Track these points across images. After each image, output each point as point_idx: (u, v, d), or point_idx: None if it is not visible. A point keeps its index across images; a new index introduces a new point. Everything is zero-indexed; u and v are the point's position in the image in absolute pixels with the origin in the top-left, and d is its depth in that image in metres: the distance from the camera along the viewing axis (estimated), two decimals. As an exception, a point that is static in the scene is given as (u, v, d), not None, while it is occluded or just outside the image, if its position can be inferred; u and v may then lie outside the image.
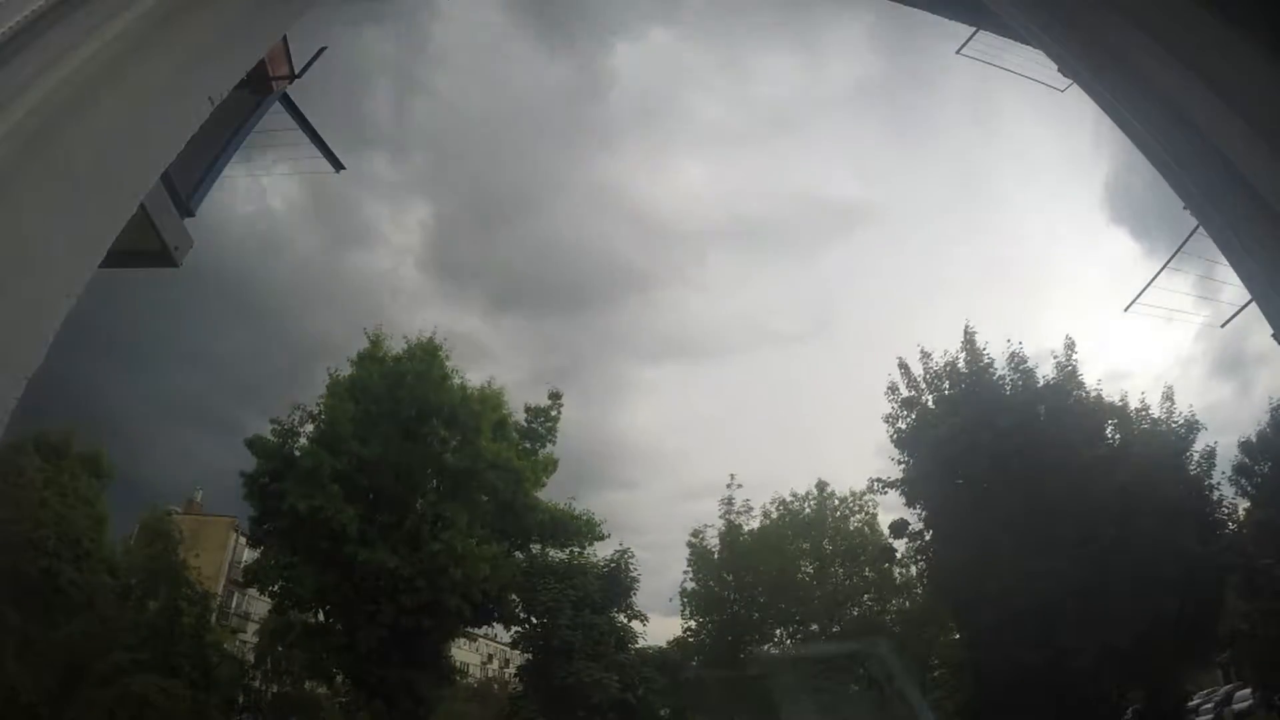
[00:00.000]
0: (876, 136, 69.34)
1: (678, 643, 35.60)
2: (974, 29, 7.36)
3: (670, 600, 36.45)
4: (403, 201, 67.31)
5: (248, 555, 39.07)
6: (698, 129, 67.45)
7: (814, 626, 34.61)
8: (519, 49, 66.33)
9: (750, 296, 67.69)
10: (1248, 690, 30.95)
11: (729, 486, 36.66)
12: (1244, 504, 28.97)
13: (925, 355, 30.96)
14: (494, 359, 62.35)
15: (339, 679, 31.51)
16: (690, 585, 35.78)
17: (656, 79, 68.31)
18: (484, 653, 55.72)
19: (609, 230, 65.92)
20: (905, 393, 31.07)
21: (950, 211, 67.92)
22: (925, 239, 69.25)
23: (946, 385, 30.38)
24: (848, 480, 46.85)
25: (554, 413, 34.24)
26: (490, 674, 51.49)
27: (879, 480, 32.57)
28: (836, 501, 37.06)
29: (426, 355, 31.55)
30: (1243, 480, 29.24)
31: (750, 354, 66.95)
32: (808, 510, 36.96)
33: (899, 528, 32.19)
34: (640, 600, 34.51)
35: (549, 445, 33.95)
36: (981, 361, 29.99)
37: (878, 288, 72.20)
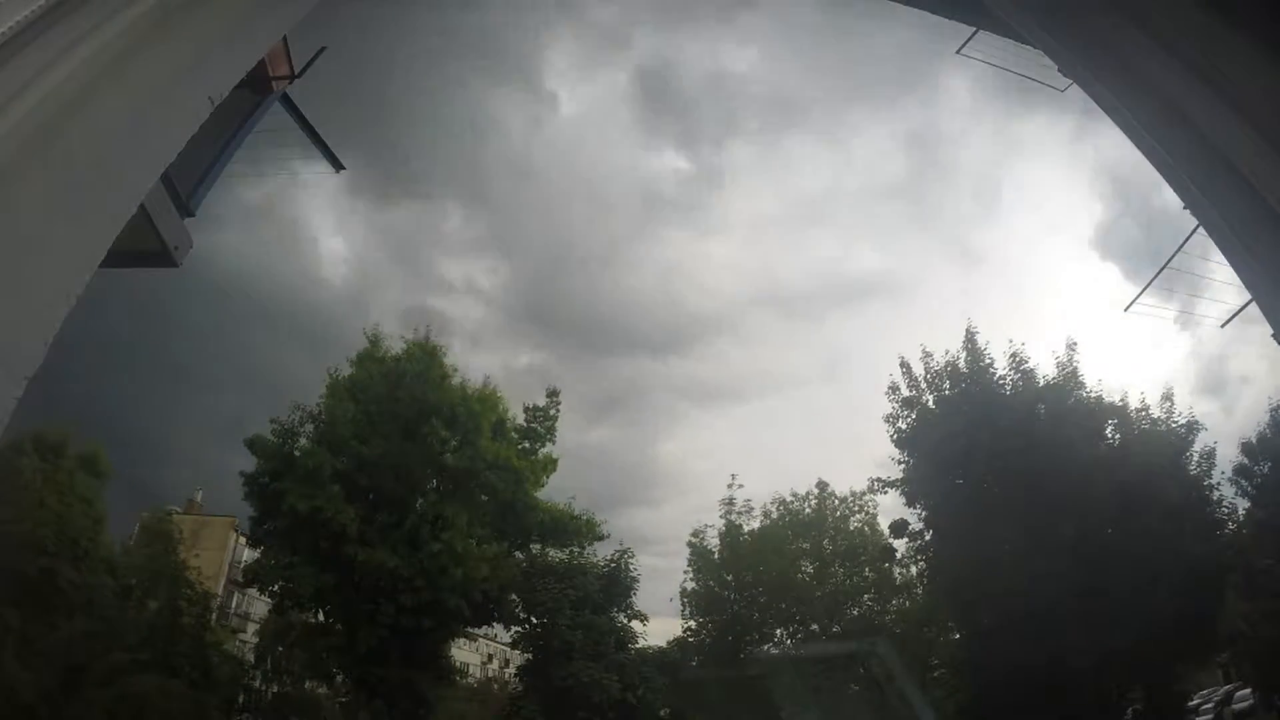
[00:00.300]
0: (894, 217, 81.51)
1: (678, 643, 35.59)
2: (974, 29, 7.36)
3: (670, 600, 36.48)
4: (497, 252, 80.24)
5: (248, 555, 39.06)
6: (746, 211, 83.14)
7: (814, 626, 34.59)
8: (621, 134, 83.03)
9: (779, 349, 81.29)
10: (1248, 690, 30.98)
11: (730, 486, 36.70)
12: (1244, 504, 29.01)
13: (926, 355, 31.01)
14: (566, 387, 70.86)
15: (339, 679, 31.51)
16: (690, 585, 35.83)
17: (718, 168, 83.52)
18: (484, 653, 55.77)
19: (673, 290, 79.73)
20: (906, 392, 31.07)
21: (956, 268, 78.07)
22: (932, 288, 78.08)
23: (947, 385, 30.36)
24: (848, 482, 47.67)
25: (552, 412, 34.23)
26: (490, 674, 51.57)
27: (879, 480, 32.63)
28: (836, 501, 37.10)
29: (426, 355, 31.54)
30: (1243, 480, 29.27)
31: (773, 396, 79.83)
32: (808, 510, 36.96)
33: (899, 527, 32.19)
34: (646, 604, 34.60)
35: (548, 445, 34.00)
36: (982, 361, 29.98)
37: (888, 336, 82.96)
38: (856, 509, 36.71)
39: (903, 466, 30.76)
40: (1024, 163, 79.17)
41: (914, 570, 33.80)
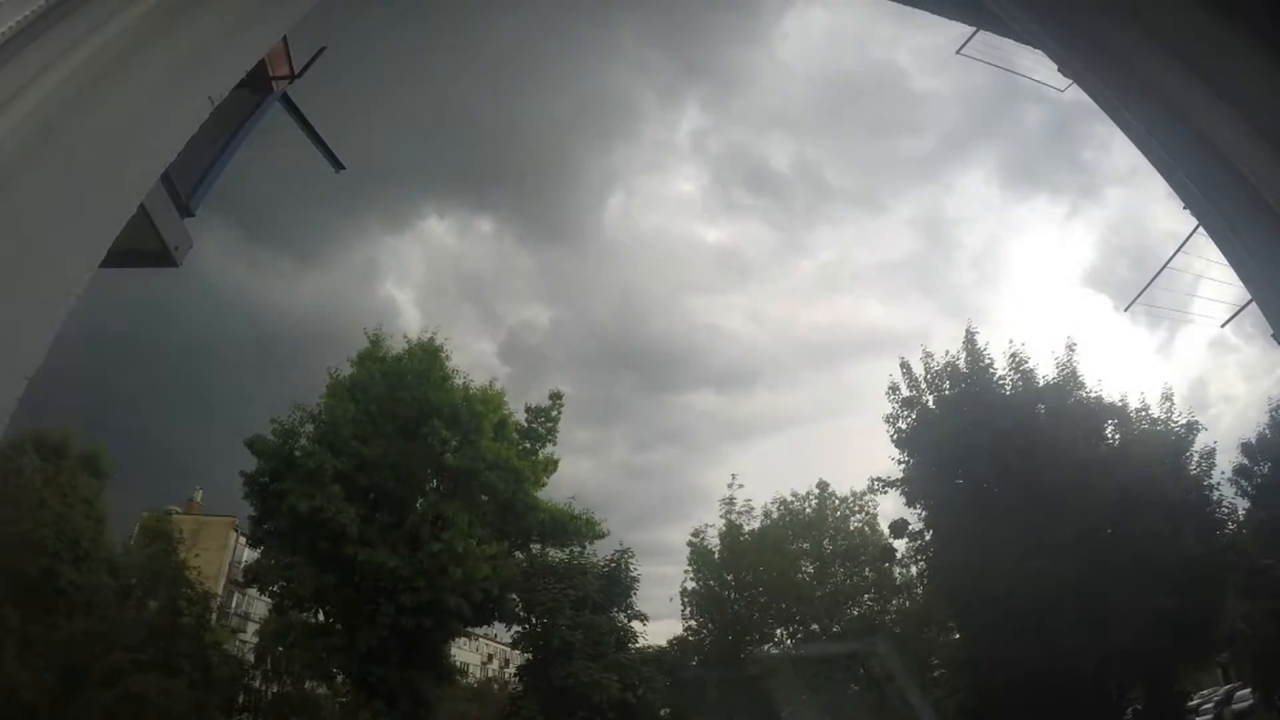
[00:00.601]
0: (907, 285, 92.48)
1: (678, 643, 35.58)
2: (974, 29, 7.37)
3: (670, 600, 36.47)
4: (583, 296, 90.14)
5: (248, 555, 39.08)
6: (781, 279, 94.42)
7: (814, 626, 34.57)
8: (696, 207, 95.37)
9: (805, 390, 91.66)
10: (1248, 690, 30.98)
11: (730, 487, 36.68)
12: (1244, 504, 29.01)
13: (927, 355, 31.04)
14: (626, 417, 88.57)
15: (339, 679, 31.49)
16: (690, 585, 35.82)
17: (783, 241, 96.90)
18: (484, 653, 55.83)
19: (725, 338, 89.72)
20: (906, 393, 31.10)
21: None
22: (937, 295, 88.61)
23: (947, 385, 30.36)
24: (849, 484, 48.47)
25: (554, 413, 34.22)
26: (490, 674, 51.60)
27: (879, 480, 32.64)
28: (837, 501, 37.09)
29: (427, 356, 31.50)
30: (1242, 481, 29.27)
31: (794, 429, 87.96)
32: (808, 510, 36.95)
33: (899, 527, 32.20)
34: (652, 607, 34.63)
35: (549, 445, 33.99)
36: (982, 362, 29.98)
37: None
38: (857, 509, 36.75)
39: (903, 466, 30.83)
40: (1025, 175, 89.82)
41: (914, 570, 33.83)
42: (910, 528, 31.61)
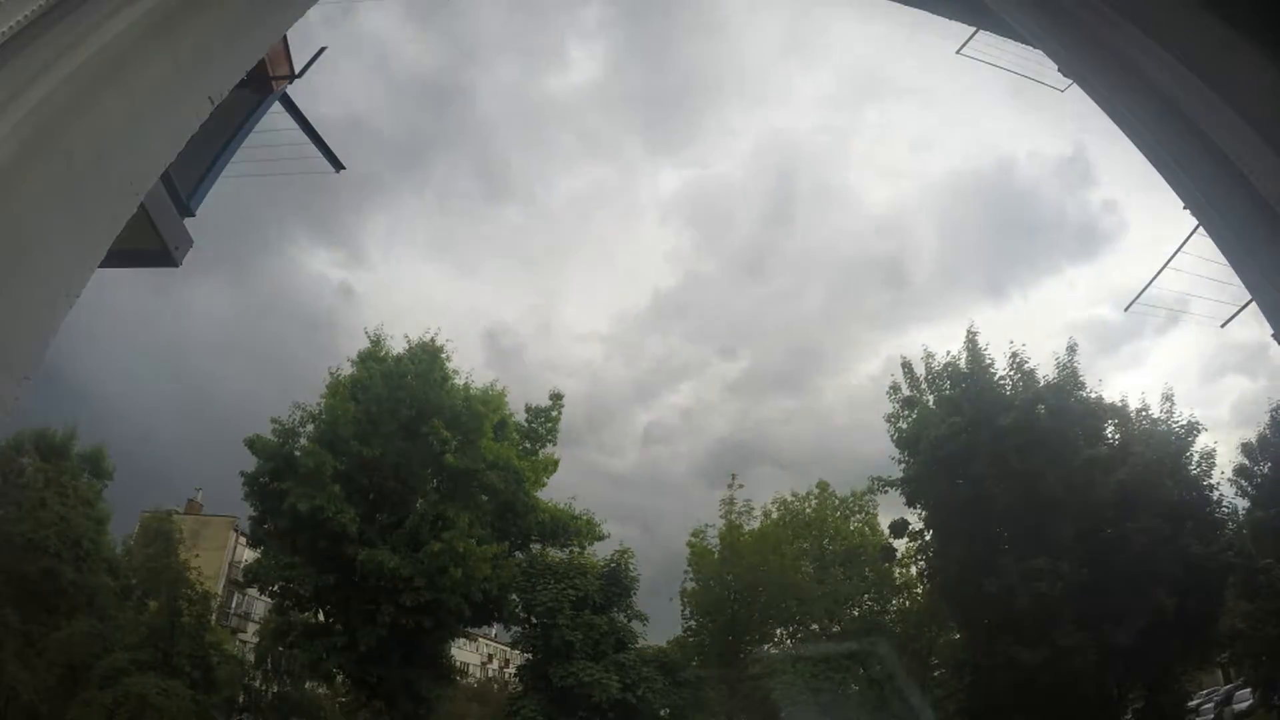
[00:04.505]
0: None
1: (678, 643, 35.55)
2: (974, 29, 7.37)
3: (671, 600, 36.44)
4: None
5: (248, 555, 39.09)
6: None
7: (814, 626, 34.55)
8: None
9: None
10: (1248, 690, 30.96)
11: (730, 487, 36.65)
12: (1244, 504, 28.98)
13: (929, 355, 31.06)
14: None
15: (339, 679, 31.48)
16: (690, 585, 35.79)
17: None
18: (484, 653, 55.94)
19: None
20: (907, 392, 31.10)
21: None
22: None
23: (948, 385, 30.37)
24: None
25: (554, 413, 34.24)
26: (490, 674, 51.68)
27: (879, 480, 32.59)
28: (837, 501, 37.06)
29: (428, 357, 31.49)
30: (1242, 481, 29.24)
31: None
32: (808, 510, 36.93)
33: (899, 527, 32.20)
34: (651, 607, 34.64)
35: (549, 445, 33.99)
36: (983, 362, 29.97)
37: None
38: (857, 509, 36.71)
39: (903, 466, 30.80)
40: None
41: (914, 570, 33.80)
42: (910, 528, 31.64)
